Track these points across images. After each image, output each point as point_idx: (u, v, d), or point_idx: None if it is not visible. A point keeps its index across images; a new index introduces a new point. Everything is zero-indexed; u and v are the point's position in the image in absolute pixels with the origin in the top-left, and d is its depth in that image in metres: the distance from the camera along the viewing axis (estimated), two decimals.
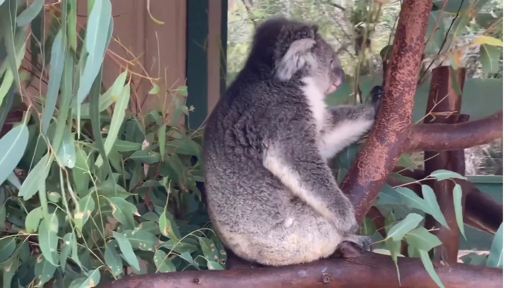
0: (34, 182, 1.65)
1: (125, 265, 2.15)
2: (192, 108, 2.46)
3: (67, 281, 2.11)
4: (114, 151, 2.28)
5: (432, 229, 2.10)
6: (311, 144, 1.98)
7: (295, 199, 2.01)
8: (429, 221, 2.33)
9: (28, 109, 1.61)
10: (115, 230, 2.17)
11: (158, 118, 2.50)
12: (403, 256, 2.12)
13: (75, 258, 1.90)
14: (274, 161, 1.95)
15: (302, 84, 2.05)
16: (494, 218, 2.91)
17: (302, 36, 2.02)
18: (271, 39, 2.03)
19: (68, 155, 1.65)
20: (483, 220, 2.99)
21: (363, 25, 9.64)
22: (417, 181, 2.23)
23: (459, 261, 2.66)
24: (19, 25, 1.41)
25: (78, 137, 1.78)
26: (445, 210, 2.89)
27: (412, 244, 1.94)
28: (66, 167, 1.72)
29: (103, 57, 1.34)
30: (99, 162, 2.12)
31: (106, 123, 2.40)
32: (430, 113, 2.65)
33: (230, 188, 1.98)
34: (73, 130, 1.75)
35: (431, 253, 2.76)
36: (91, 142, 2.28)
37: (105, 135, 2.37)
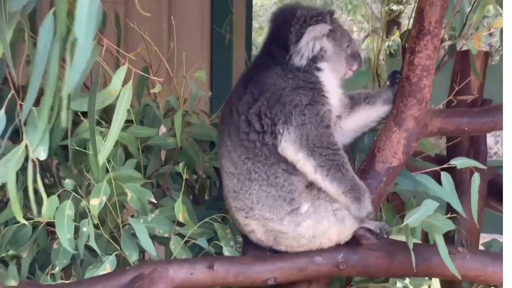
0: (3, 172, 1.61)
1: (143, 251, 2.16)
2: (209, 93, 2.45)
3: (84, 267, 2.12)
4: (132, 137, 2.29)
5: (449, 215, 2.09)
6: (327, 129, 1.96)
7: (311, 185, 1.99)
8: (451, 207, 2.30)
9: (9, 95, 1.57)
10: (133, 216, 2.18)
11: (176, 103, 2.50)
12: (420, 242, 2.11)
13: (92, 243, 1.91)
14: (289, 147, 1.93)
15: (318, 69, 2.03)
16: None
17: (317, 21, 1.99)
18: (286, 24, 2.01)
19: (41, 146, 1.61)
20: None
21: (394, 7, 9.55)
22: (437, 168, 2.19)
23: (481, 247, 2.63)
24: (10, 10, 1.39)
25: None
26: (467, 196, 2.87)
27: (427, 230, 1.92)
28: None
29: (93, 44, 1.31)
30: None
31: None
32: (451, 97, 2.62)
33: (245, 174, 1.98)
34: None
35: (452, 239, 2.76)
36: (108, 128, 2.29)
37: (127, 121, 2.40)
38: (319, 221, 1.97)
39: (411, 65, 2.08)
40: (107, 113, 2.55)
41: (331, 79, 2.05)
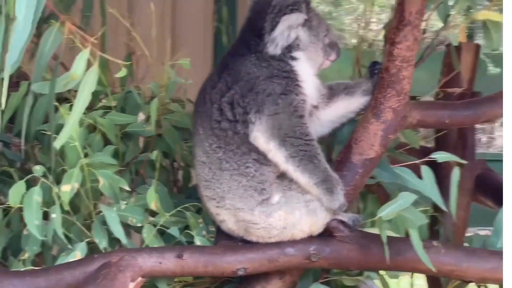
0: None
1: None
2: (190, 80, 2.41)
3: (59, 253, 2.11)
4: (110, 124, 2.27)
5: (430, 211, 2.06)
6: (300, 119, 1.93)
7: (283, 176, 1.97)
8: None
9: None
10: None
11: (158, 90, 2.47)
12: (396, 236, 2.08)
13: (58, 231, 1.89)
14: (260, 137, 1.91)
15: (293, 58, 2.00)
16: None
17: (292, 10, 1.96)
18: (262, 13, 1.99)
19: None
20: (494, 200, 2.91)
21: None
22: (417, 161, 2.16)
23: None
24: None
25: None
26: None
27: (400, 223, 1.89)
28: None
29: (34, 24, 1.28)
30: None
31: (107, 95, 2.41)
32: (437, 89, 2.59)
33: (216, 163, 1.96)
34: None
35: (437, 234, 2.73)
36: (85, 114, 2.28)
37: (105, 108, 2.39)
38: (291, 212, 1.94)
39: (391, 56, 2.05)
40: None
41: (307, 69, 2.02)
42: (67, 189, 1.95)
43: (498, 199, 3.00)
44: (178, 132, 2.39)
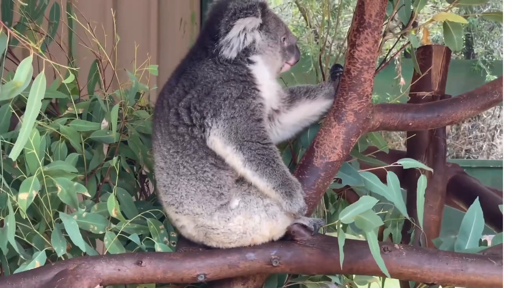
0: None
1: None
2: (154, 86, 2.41)
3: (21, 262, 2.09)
4: (73, 131, 2.25)
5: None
6: (257, 123, 1.92)
7: (242, 180, 1.96)
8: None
9: None
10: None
11: (124, 97, 2.46)
12: (358, 239, 2.06)
13: (11, 240, 1.87)
14: (217, 141, 1.90)
15: (250, 62, 1.99)
16: None
17: (247, 14, 1.95)
18: (218, 16, 1.98)
19: None
20: (467, 203, 2.89)
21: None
22: (383, 167, 2.15)
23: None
24: None
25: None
26: (426, 192, 2.82)
27: (359, 226, 1.87)
28: None
29: None
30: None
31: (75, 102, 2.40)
32: (403, 93, 2.58)
33: (174, 168, 1.94)
34: None
35: (408, 237, 2.72)
36: (49, 122, 2.26)
37: (70, 115, 2.37)
38: (250, 216, 1.93)
39: (352, 58, 2.04)
40: (54, 106, 2.53)
41: (265, 72, 2.01)
42: (24, 197, 1.93)
43: (470, 202, 3.00)
44: (146, 138, 2.38)
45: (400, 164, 2.10)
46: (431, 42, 2.27)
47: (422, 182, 2.09)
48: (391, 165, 2.11)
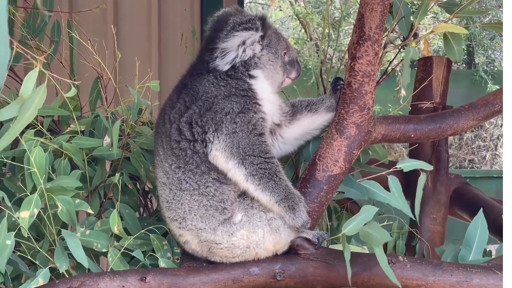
0: None
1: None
2: (156, 102, 2.41)
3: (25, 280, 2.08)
4: (76, 148, 2.25)
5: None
6: (259, 138, 1.92)
7: (244, 194, 1.95)
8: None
9: None
10: None
11: (126, 113, 2.47)
12: (363, 252, 2.06)
13: (11, 256, 1.87)
14: (219, 156, 1.90)
15: (251, 76, 1.99)
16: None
17: (246, 28, 1.95)
18: (218, 31, 1.98)
19: None
20: (470, 214, 2.89)
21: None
22: (384, 172, 2.15)
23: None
24: None
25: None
26: (429, 203, 2.84)
27: (365, 240, 1.87)
28: None
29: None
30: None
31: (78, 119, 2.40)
32: (404, 104, 2.57)
33: (176, 184, 1.94)
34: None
35: (414, 249, 2.71)
36: (51, 139, 2.27)
37: (72, 132, 2.37)
38: (253, 230, 1.93)
39: (352, 71, 2.05)
40: (56, 124, 2.54)
41: (266, 87, 2.01)
42: (25, 215, 1.93)
43: (473, 212, 3.00)
44: (148, 154, 2.39)
45: (400, 168, 2.10)
46: (432, 53, 2.26)
47: (421, 181, 2.11)
48: (391, 169, 2.12)
